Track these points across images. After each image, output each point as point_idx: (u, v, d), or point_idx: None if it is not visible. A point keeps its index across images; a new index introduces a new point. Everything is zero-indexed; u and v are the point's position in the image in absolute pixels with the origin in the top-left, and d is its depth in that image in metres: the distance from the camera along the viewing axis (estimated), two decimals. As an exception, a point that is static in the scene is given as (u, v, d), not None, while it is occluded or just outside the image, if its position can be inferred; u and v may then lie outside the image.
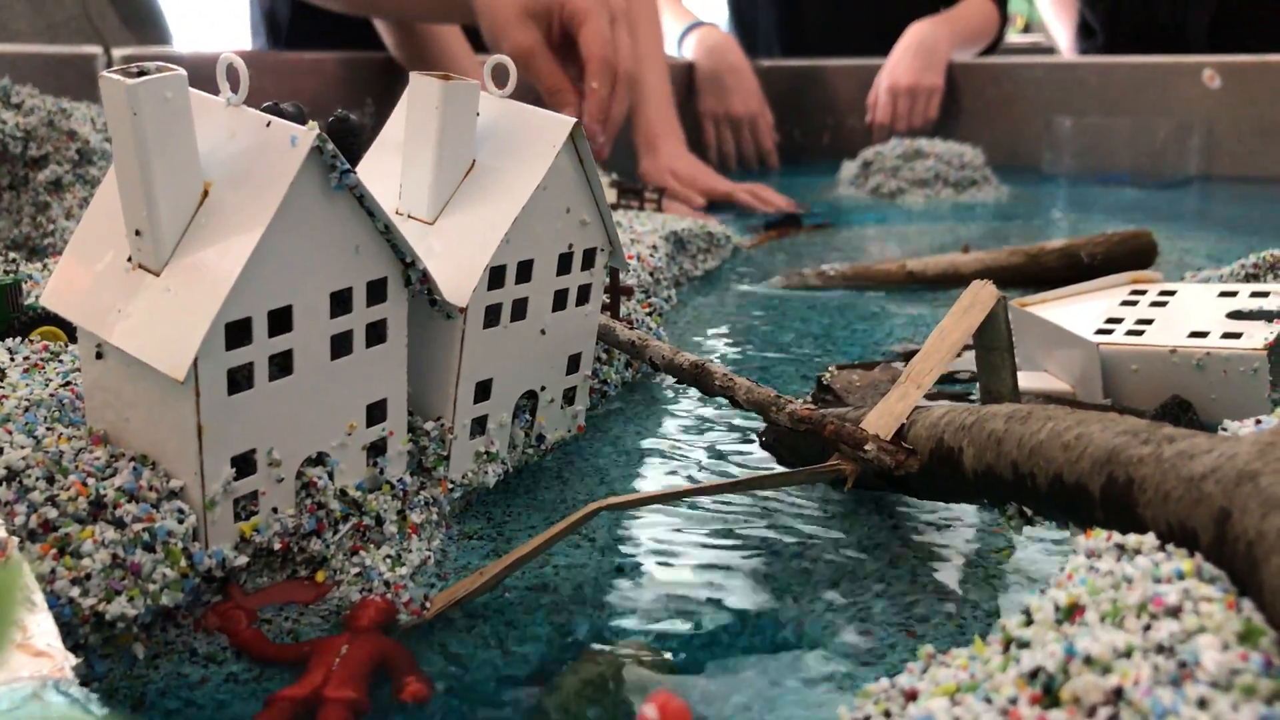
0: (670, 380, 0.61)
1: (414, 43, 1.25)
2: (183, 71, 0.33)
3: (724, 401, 0.57)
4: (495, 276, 0.43)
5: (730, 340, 0.72)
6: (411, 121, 0.43)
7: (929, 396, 0.46)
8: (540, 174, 0.43)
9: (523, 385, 0.46)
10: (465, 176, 0.44)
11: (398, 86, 0.44)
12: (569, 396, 0.50)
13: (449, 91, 0.42)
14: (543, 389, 0.48)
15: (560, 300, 0.47)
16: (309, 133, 0.34)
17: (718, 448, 0.52)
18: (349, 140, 0.62)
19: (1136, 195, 1.38)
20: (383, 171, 0.46)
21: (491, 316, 0.43)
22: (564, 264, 0.46)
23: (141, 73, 0.33)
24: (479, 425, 0.45)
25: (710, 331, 0.74)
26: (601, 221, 0.47)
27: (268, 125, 0.35)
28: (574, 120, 0.44)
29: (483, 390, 0.44)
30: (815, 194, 1.40)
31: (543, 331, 0.46)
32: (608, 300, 0.54)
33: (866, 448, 0.40)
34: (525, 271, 0.44)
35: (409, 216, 0.44)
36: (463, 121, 0.43)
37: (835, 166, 1.47)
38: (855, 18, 1.80)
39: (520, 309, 0.45)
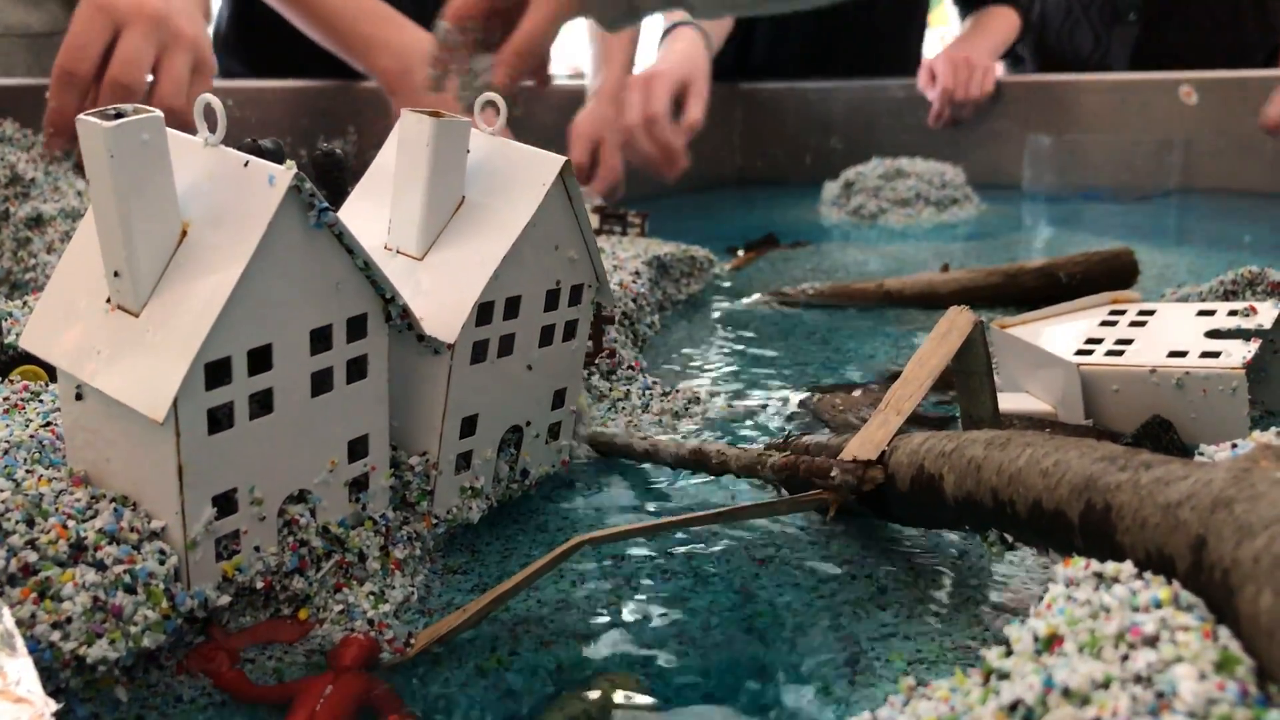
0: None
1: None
2: (159, 113, 0.33)
3: (706, 432, 0.58)
4: (483, 313, 0.43)
5: (715, 364, 0.72)
6: (401, 157, 0.43)
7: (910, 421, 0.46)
8: (530, 211, 0.43)
9: (508, 420, 0.46)
10: (455, 213, 0.44)
11: (377, 113, 0.44)
12: (554, 431, 0.50)
13: (440, 128, 0.42)
14: (528, 424, 0.48)
15: (547, 336, 0.47)
16: (286, 172, 0.34)
17: (701, 478, 0.52)
18: (335, 173, 0.62)
19: (1116, 211, 1.39)
20: (371, 206, 0.46)
21: (479, 352, 0.44)
22: (551, 300, 0.46)
23: (119, 115, 0.33)
24: (464, 460, 0.45)
25: (695, 355, 0.74)
26: (589, 257, 0.47)
27: (245, 165, 0.35)
28: (564, 159, 0.44)
29: (469, 425, 0.44)
30: (797, 215, 1.41)
31: (529, 367, 0.46)
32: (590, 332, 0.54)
33: (832, 474, 0.40)
34: (513, 308, 0.44)
35: (398, 252, 0.44)
36: (453, 158, 0.44)
37: (817, 188, 1.47)
38: (841, 40, 1.82)
39: (507, 345, 0.45)
